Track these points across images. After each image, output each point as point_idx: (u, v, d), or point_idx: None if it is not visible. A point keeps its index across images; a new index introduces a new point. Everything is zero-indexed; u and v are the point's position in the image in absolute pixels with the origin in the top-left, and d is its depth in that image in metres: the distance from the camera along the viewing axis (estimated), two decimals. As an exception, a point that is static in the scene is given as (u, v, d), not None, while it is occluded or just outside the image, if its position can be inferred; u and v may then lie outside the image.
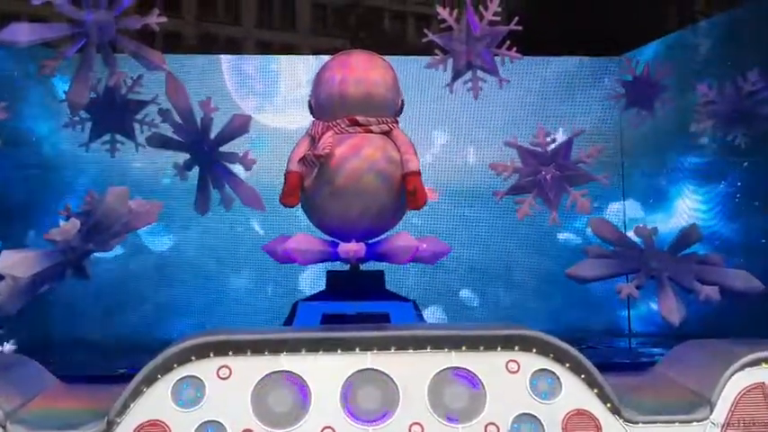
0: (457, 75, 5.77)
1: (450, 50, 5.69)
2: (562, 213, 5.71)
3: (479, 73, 5.70)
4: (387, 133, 5.07)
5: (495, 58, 5.66)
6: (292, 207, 5.14)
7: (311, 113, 5.28)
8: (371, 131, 5.02)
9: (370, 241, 5.17)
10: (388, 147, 5.02)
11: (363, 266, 5.34)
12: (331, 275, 5.52)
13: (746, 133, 5.99)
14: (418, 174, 4.97)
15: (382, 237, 5.23)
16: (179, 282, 8.78)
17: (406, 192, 4.93)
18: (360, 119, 4.99)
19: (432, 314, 8.66)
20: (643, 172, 9.00)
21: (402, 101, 5.26)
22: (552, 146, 5.55)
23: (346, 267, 5.36)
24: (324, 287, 5.51)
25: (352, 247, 5.03)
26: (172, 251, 8.84)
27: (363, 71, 5.08)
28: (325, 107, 5.12)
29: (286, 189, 5.04)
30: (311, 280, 8.48)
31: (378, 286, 5.39)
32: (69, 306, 7.95)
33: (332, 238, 5.24)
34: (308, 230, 5.38)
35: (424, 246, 5.16)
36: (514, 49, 5.58)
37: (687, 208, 8.36)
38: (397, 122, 5.17)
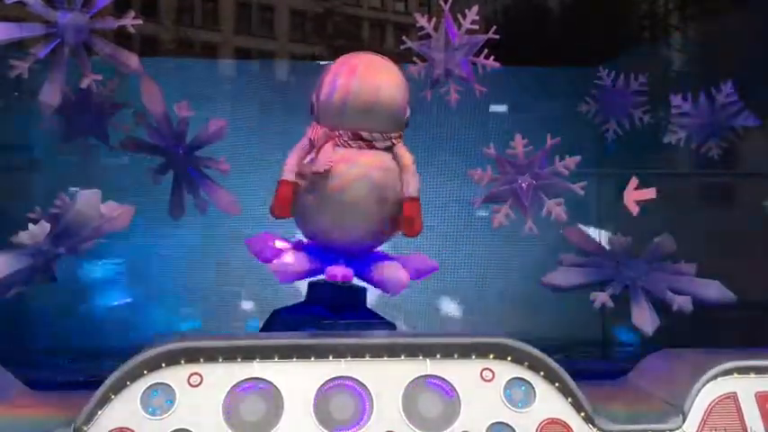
0: (435, 83, 5.77)
1: (429, 58, 5.69)
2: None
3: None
4: (389, 149, 4.76)
5: (474, 66, 5.66)
6: (283, 219, 4.73)
7: (311, 114, 4.95)
8: (375, 147, 4.72)
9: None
10: (385, 159, 4.72)
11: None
12: (312, 287, 5.44)
13: (720, 145, 6.07)
14: (417, 200, 4.65)
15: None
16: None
17: (403, 217, 4.66)
18: (364, 134, 4.68)
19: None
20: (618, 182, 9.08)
21: (408, 113, 4.92)
22: (529, 155, 5.56)
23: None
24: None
25: (339, 271, 4.87)
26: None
27: (371, 78, 4.68)
28: (327, 112, 4.75)
29: (278, 200, 4.63)
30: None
31: (359, 304, 5.33)
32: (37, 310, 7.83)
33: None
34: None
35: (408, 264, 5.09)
36: (492, 57, 5.60)
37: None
38: (401, 137, 4.86)
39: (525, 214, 5.51)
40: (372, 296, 5.41)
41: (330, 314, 4.98)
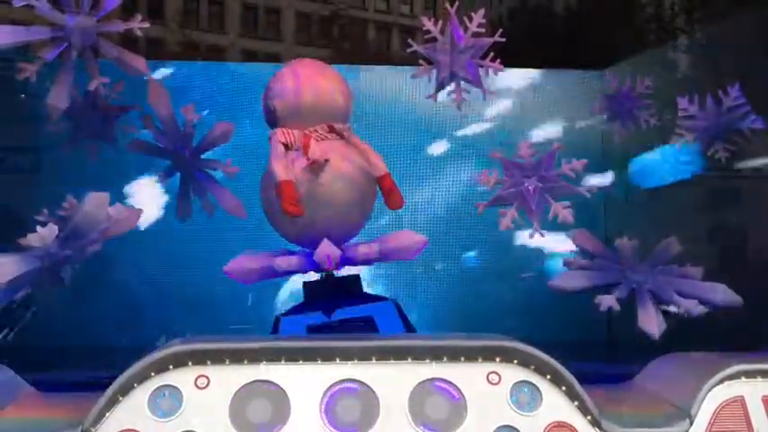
0: (441, 85, 5.76)
1: (435, 61, 5.68)
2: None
3: (463, 84, 5.70)
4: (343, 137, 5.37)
5: (480, 69, 5.66)
6: (300, 216, 4.97)
7: (271, 123, 5.37)
8: (343, 137, 5.29)
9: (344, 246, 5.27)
10: (351, 151, 5.26)
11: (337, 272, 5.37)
12: (308, 286, 5.49)
13: (727, 148, 6.04)
14: (389, 174, 5.24)
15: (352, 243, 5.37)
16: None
17: (383, 193, 5.19)
18: (336, 126, 5.25)
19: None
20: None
21: None
22: (535, 158, 5.55)
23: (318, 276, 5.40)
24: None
25: (325, 251, 5.04)
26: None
27: (332, 81, 5.43)
28: (296, 114, 5.24)
29: (290, 198, 4.90)
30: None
31: (356, 291, 5.39)
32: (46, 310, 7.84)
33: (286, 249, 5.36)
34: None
35: (394, 242, 5.36)
36: (498, 60, 5.59)
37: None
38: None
39: (532, 217, 5.50)
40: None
41: (332, 308, 5.03)
